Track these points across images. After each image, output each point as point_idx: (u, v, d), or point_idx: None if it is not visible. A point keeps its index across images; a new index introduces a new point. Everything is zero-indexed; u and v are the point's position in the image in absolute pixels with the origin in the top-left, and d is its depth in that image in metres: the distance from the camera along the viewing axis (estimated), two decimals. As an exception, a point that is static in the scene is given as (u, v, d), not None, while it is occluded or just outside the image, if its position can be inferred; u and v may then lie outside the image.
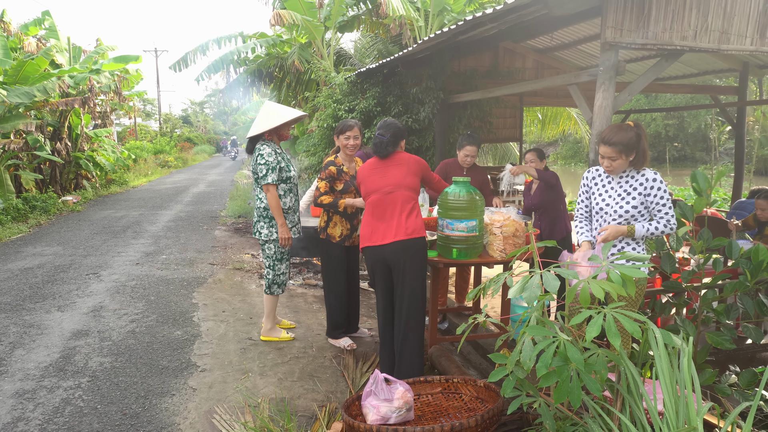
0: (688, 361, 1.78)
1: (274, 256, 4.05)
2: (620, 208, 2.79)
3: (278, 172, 3.91)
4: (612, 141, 2.70)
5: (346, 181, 3.92)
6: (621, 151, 2.70)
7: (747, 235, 4.98)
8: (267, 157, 3.85)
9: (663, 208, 2.76)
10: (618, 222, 2.81)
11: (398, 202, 3.32)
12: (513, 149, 13.50)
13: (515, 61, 8.02)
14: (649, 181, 2.76)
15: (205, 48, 12.60)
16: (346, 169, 3.95)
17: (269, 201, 3.87)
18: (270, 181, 3.84)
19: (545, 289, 1.89)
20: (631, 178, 2.81)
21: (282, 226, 3.93)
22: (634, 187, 2.79)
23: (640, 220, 2.81)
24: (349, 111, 7.19)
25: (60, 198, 11.65)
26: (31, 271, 6.31)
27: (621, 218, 2.80)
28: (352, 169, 4.00)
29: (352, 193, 3.93)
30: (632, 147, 2.70)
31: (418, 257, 3.29)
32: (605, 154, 2.75)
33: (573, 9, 3.54)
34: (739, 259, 2.74)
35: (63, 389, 3.44)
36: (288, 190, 4.02)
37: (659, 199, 2.75)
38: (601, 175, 2.95)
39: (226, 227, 9.45)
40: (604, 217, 2.88)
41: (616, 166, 2.76)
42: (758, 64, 7.08)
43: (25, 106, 10.65)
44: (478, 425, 2.42)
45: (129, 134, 28.09)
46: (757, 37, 3.51)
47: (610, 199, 2.86)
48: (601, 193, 2.91)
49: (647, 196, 2.76)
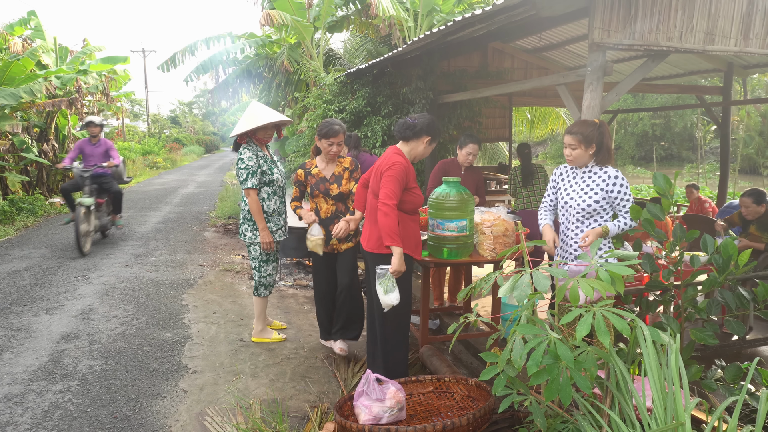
0: (676, 357, 1.81)
1: (259, 257, 4.05)
2: (583, 202, 2.98)
3: (259, 176, 3.88)
4: (573, 130, 2.95)
5: (312, 184, 3.83)
6: (580, 140, 2.92)
7: (732, 232, 5.05)
8: (247, 162, 3.82)
9: (627, 204, 2.95)
10: (581, 214, 3.00)
11: (372, 209, 3.22)
12: (502, 149, 13.57)
13: (504, 62, 8.07)
14: (611, 178, 2.94)
15: (194, 48, 12.51)
16: (315, 171, 3.86)
17: (250, 205, 3.85)
18: (249, 185, 3.82)
19: (535, 288, 1.91)
20: (594, 174, 3.00)
21: (263, 231, 3.90)
22: (596, 183, 2.97)
23: (604, 216, 3.00)
24: (339, 111, 7.19)
25: (47, 200, 11.52)
26: (18, 273, 6.24)
27: (584, 211, 2.98)
28: (328, 170, 3.87)
29: (321, 198, 3.83)
30: (591, 139, 2.91)
31: None
32: (567, 143, 2.99)
33: (561, 10, 3.58)
34: (712, 255, 2.79)
35: (52, 393, 3.41)
36: (272, 193, 3.99)
37: (623, 195, 2.94)
38: (568, 171, 3.14)
39: (216, 228, 9.40)
40: (568, 210, 3.07)
41: (576, 155, 2.96)
42: (742, 64, 7.18)
43: (11, 108, 10.51)
44: (470, 424, 2.43)
45: (117, 135, 27.82)
46: (741, 38, 3.56)
47: (573, 193, 3.04)
48: (566, 188, 3.11)
49: (610, 193, 2.94)
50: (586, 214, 2.99)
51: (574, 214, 3.03)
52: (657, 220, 2.87)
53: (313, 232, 3.77)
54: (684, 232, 2.82)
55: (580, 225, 3.04)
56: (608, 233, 2.92)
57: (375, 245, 3.16)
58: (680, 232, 2.83)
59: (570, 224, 3.08)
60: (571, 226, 3.07)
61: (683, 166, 23.47)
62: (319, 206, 3.87)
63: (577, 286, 1.88)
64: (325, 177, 3.83)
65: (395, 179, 3.02)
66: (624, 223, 2.94)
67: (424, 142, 3.19)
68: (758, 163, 21.70)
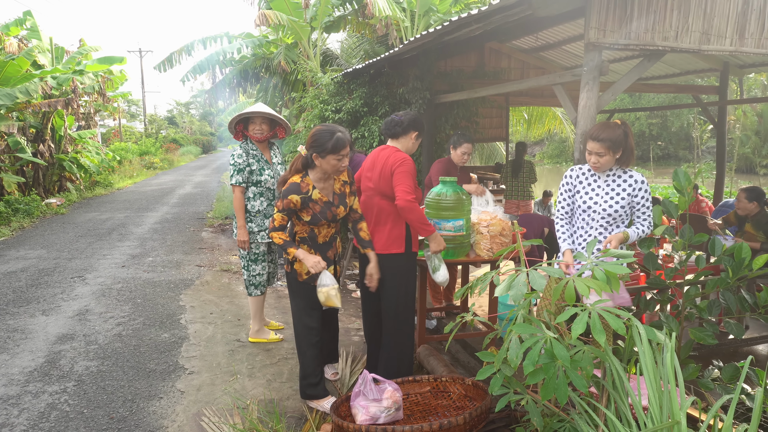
0: (672, 356, 1.81)
1: (247, 256, 4.05)
2: (609, 207, 2.84)
3: (247, 174, 3.90)
4: (600, 137, 2.74)
5: (317, 212, 2.96)
6: (609, 147, 2.74)
7: (728, 231, 5.06)
8: (236, 159, 3.90)
9: (647, 210, 2.86)
10: (606, 220, 2.86)
11: (374, 210, 3.23)
12: (499, 149, 13.58)
13: (501, 62, 8.08)
14: (637, 183, 2.83)
15: (191, 48, 12.49)
16: (317, 195, 2.96)
17: (233, 201, 3.93)
18: (234, 182, 3.88)
19: (531, 287, 1.91)
20: (618, 178, 2.86)
21: (240, 228, 3.93)
22: (622, 187, 2.84)
23: (625, 220, 2.89)
24: (336, 111, 7.19)
25: (43, 200, 11.49)
26: (14, 274, 6.22)
27: (609, 217, 2.85)
28: (327, 190, 3.02)
29: (324, 225, 3.04)
30: (619, 144, 2.75)
31: (390, 273, 3.16)
32: (593, 150, 2.78)
33: (557, 10, 3.59)
34: (722, 256, 2.79)
35: (48, 394, 3.40)
36: (259, 194, 3.98)
37: (645, 201, 2.84)
38: (585, 173, 2.95)
39: (213, 229, 9.39)
40: (591, 215, 2.91)
41: (603, 162, 2.79)
42: (738, 64, 7.20)
43: (6, 108, 10.48)
44: (467, 423, 2.44)
45: (114, 136, 27.74)
46: (737, 37, 3.57)
47: (597, 197, 2.89)
48: (587, 191, 2.92)
49: (634, 197, 2.84)
50: (611, 219, 2.87)
51: (598, 219, 2.89)
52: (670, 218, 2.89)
53: (325, 281, 2.95)
54: (692, 234, 2.82)
55: (603, 231, 2.90)
56: (628, 240, 2.81)
57: (382, 246, 3.16)
58: (688, 233, 2.84)
59: (593, 230, 2.93)
60: (594, 232, 2.92)
61: (680, 166, 23.51)
62: (318, 231, 3.06)
63: (573, 285, 1.89)
64: (329, 201, 3.01)
65: (409, 174, 3.08)
66: (642, 230, 2.85)
67: (412, 137, 3.28)
68: (755, 162, 21.78)
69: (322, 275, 2.96)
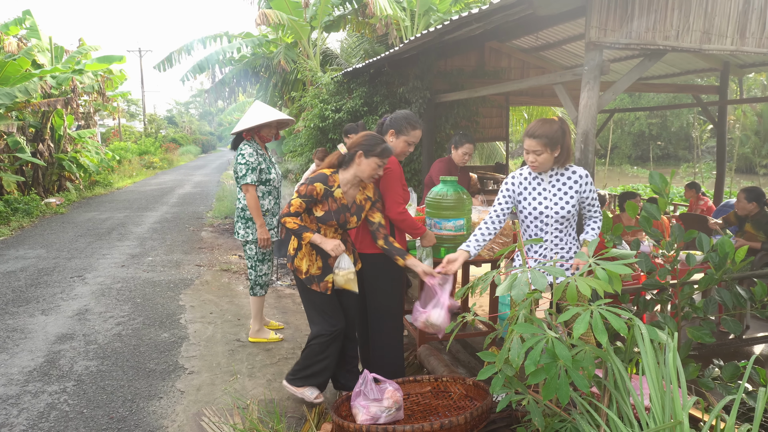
0: (674, 356, 1.81)
1: (255, 256, 4.04)
2: (561, 209, 2.71)
3: (258, 173, 3.89)
4: (536, 133, 2.62)
5: (330, 211, 2.91)
6: (546, 144, 2.60)
7: (729, 231, 5.06)
8: (248, 158, 3.83)
9: (594, 202, 2.77)
10: (559, 222, 2.75)
11: None
12: (499, 148, 13.57)
13: (501, 61, 8.08)
14: (582, 178, 2.71)
15: (190, 48, 12.50)
16: (340, 194, 2.93)
17: (248, 201, 3.85)
18: (249, 181, 3.82)
19: (533, 286, 1.91)
20: (562, 176, 2.74)
21: (261, 227, 3.90)
22: (568, 185, 2.72)
23: (572, 220, 2.78)
24: (336, 111, 7.18)
25: (43, 200, 11.48)
26: (14, 274, 6.21)
27: (562, 218, 2.73)
28: (350, 195, 2.98)
29: (332, 228, 2.98)
30: (556, 141, 2.62)
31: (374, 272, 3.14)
32: (530, 148, 2.65)
33: (558, 9, 3.58)
34: (708, 254, 2.80)
35: (48, 394, 3.40)
36: (267, 192, 3.99)
37: (592, 194, 2.74)
38: (527, 177, 2.80)
39: (213, 228, 9.38)
40: (544, 220, 2.76)
41: (542, 161, 2.65)
42: (738, 63, 7.20)
43: (6, 107, 10.47)
44: (468, 423, 2.43)
45: (113, 135, 27.73)
46: (737, 37, 3.57)
47: (546, 200, 2.75)
48: (534, 196, 2.77)
49: (582, 194, 2.73)
50: (563, 221, 2.74)
51: (551, 223, 2.75)
52: (654, 219, 2.88)
53: (343, 264, 2.95)
54: (682, 232, 2.82)
55: (558, 234, 2.78)
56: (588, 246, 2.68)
57: (368, 245, 3.16)
58: (678, 232, 2.84)
59: (547, 235, 2.78)
60: (549, 236, 2.78)
61: (680, 166, 23.53)
62: (324, 233, 2.99)
63: (574, 285, 1.88)
64: (346, 205, 2.95)
65: (396, 182, 3.09)
66: (596, 227, 2.78)
67: (390, 135, 3.20)
68: (754, 162, 21.78)
69: (340, 259, 2.95)
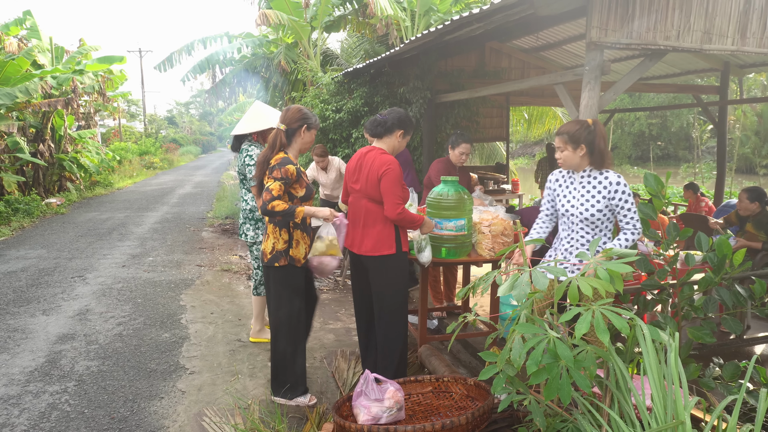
0: (675, 356, 1.81)
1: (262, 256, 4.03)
2: (585, 211, 2.73)
3: None
4: (560, 130, 2.75)
5: (308, 185, 3.15)
6: (566, 141, 2.70)
7: (729, 231, 5.06)
8: (257, 158, 3.81)
9: (629, 213, 2.70)
10: (586, 224, 2.76)
11: (362, 212, 3.18)
12: (500, 148, 13.57)
13: (501, 61, 8.07)
14: (612, 185, 2.70)
15: (191, 48, 12.49)
16: (303, 169, 3.21)
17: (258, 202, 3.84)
18: None
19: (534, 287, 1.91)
20: (593, 179, 2.75)
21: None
22: (597, 189, 2.73)
23: (609, 225, 2.78)
24: (337, 111, 7.18)
25: (43, 200, 11.48)
26: (14, 274, 6.21)
27: (587, 220, 2.74)
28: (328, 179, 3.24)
29: (311, 202, 3.21)
30: (578, 139, 2.68)
31: (382, 273, 3.14)
32: (556, 145, 2.79)
33: (558, 9, 3.57)
34: (707, 254, 2.80)
35: (49, 394, 3.40)
36: None
37: (624, 203, 2.69)
38: (564, 176, 2.90)
39: (214, 228, 9.38)
40: (570, 219, 2.81)
41: (565, 157, 2.75)
42: (739, 63, 7.20)
43: (6, 108, 10.47)
44: (469, 423, 2.43)
45: (113, 135, 27.73)
46: (738, 37, 3.57)
47: (574, 200, 2.79)
48: (565, 194, 2.85)
49: (611, 200, 2.70)
50: (590, 223, 2.75)
51: (577, 223, 2.78)
52: (650, 219, 2.88)
53: (327, 231, 3.07)
54: (678, 231, 2.82)
55: (585, 235, 2.79)
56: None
57: (372, 248, 3.12)
58: (674, 231, 2.84)
59: (575, 234, 2.82)
60: (576, 236, 2.82)
61: (680, 166, 23.54)
62: None
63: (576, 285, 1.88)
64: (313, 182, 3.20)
65: (396, 182, 3.03)
66: (626, 239, 2.69)
67: (398, 136, 3.19)
68: (754, 162, 21.78)
69: (324, 227, 3.09)
